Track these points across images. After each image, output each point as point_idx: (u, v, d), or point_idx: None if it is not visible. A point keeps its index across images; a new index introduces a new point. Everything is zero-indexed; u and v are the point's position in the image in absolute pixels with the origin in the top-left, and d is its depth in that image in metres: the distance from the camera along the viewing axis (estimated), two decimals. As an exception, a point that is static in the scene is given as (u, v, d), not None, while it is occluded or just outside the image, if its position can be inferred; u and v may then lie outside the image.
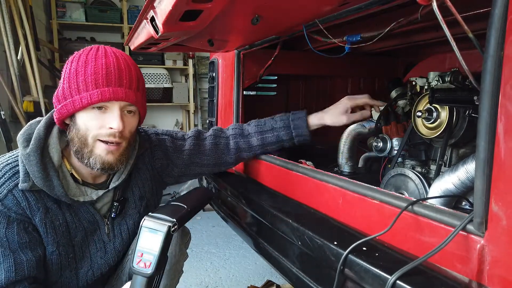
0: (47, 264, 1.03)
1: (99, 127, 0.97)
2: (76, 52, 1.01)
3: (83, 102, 0.94)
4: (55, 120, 1.01)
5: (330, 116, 1.35)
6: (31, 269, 0.98)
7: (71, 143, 1.00)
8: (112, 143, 0.99)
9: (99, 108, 0.97)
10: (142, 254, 0.88)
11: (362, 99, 1.35)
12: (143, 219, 0.92)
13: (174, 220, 0.92)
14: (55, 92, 1.01)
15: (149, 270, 0.87)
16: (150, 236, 0.89)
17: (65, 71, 0.99)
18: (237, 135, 1.37)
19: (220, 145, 1.35)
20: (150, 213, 0.94)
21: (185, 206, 1.00)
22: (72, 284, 1.09)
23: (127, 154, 1.06)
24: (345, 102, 1.34)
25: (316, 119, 1.36)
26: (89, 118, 0.97)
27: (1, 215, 0.94)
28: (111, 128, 0.97)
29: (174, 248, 1.14)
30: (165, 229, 0.90)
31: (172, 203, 1.03)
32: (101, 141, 0.98)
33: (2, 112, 2.81)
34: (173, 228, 0.91)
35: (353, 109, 1.36)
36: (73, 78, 0.96)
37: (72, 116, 0.99)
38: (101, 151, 0.98)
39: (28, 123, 1.03)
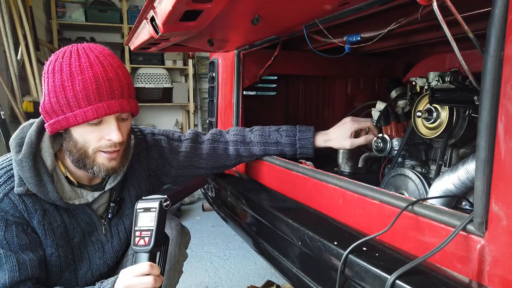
0: (47, 266, 1.03)
1: (98, 139, 0.97)
2: (54, 58, 0.95)
3: (78, 119, 0.92)
4: (49, 131, 0.99)
5: (337, 140, 1.34)
6: (34, 269, 0.98)
7: (69, 153, 0.99)
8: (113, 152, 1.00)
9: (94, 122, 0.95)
10: (140, 233, 0.92)
11: (366, 123, 1.34)
12: (136, 203, 0.96)
13: (165, 196, 0.96)
14: (42, 103, 0.96)
15: (149, 245, 0.90)
16: (145, 215, 0.94)
17: (49, 82, 0.93)
18: (238, 142, 1.36)
19: (219, 150, 1.34)
20: (142, 197, 0.98)
21: (177, 187, 1.05)
22: (72, 285, 1.09)
23: (126, 153, 1.08)
24: (350, 126, 1.32)
25: (322, 141, 1.36)
26: (85, 132, 0.95)
27: None
28: (110, 140, 0.97)
29: (174, 248, 1.15)
30: (157, 204, 0.94)
31: (166, 186, 1.07)
32: (102, 151, 0.98)
33: (2, 112, 2.81)
34: (165, 203, 0.95)
35: (357, 132, 1.37)
36: (60, 93, 0.91)
37: (66, 129, 0.97)
38: (103, 160, 0.99)
39: (21, 126, 1.02)
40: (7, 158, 1.00)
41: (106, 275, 1.17)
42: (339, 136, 1.34)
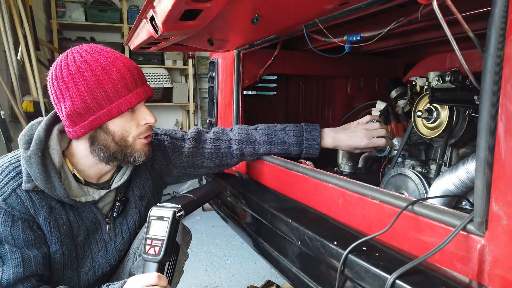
0: (50, 263, 1.03)
1: (136, 126, 1.02)
2: (71, 60, 0.94)
3: (122, 108, 0.96)
4: (78, 135, 0.98)
5: (346, 146, 1.35)
6: (38, 265, 0.98)
7: (102, 149, 1.00)
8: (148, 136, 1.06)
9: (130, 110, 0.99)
10: (151, 241, 0.91)
11: (380, 141, 1.32)
12: (150, 209, 0.95)
13: (179, 206, 0.95)
14: (68, 108, 0.94)
15: (159, 255, 0.90)
16: (158, 224, 0.93)
17: (78, 83, 0.92)
18: (243, 140, 1.34)
19: (221, 148, 1.33)
20: (157, 204, 0.98)
21: (192, 196, 1.04)
22: (74, 283, 1.09)
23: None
24: (365, 144, 1.31)
25: (330, 142, 1.34)
26: (125, 121, 1.00)
27: (6, 214, 0.94)
28: (147, 123, 1.04)
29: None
30: (170, 214, 0.93)
31: (180, 194, 1.06)
32: (140, 138, 1.04)
33: (2, 112, 2.81)
34: (179, 214, 0.94)
35: None
36: (97, 88, 0.93)
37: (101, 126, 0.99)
38: (141, 146, 1.05)
39: (30, 124, 1.03)
40: (15, 155, 1.00)
41: (108, 274, 1.18)
42: (351, 145, 1.34)
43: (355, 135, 1.32)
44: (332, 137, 1.34)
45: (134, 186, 1.18)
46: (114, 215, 1.12)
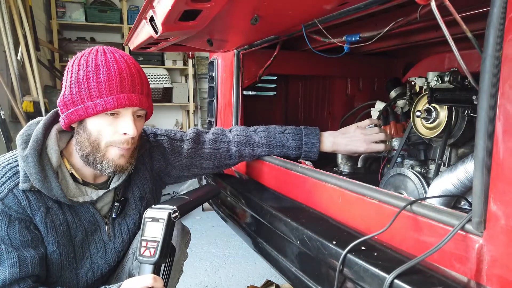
0: (47, 264, 1.03)
1: (113, 133, 0.98)
2: (80, 55, 0.99)
3: (97, 108, 0.94)
4: (63, 124, 1.00)
5: (345, 151, 1.36)
6: (34, 266, 0.98)
7: (80, 147, 1.00)
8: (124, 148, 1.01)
9: (112, 114, 0.97)
10: (147, 243, 0.91)
11: (379, 147, 1.32)
12: (145, 211, 0.95)
13: (174, 207, 0.94)
14: (61, 96, 0.99)
15: (154, 257, 0.89)
16: (153, 225, 0.92)
17: (73, 74, 0.96)
18: (242, 142, 1.34)
19: (221, 150, 1.34)
20: (152, 206, 0.97)
21: (188, 197, 1.03)
22: (72, 284, 1.09)
23: (135, 155, 1.08)
24: (363, 149, 1.32)
25: (329, 146, 1.35)
26: (101, 124, 0.97)
27: (2, 214, 0.94)
28: (125, 134, 0.99)
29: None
30: (165, 215, 0.92)
31: (176, 195, 1.05)
32: (113, 146, 0.99)
33: (2, 112, 2.81)
34: (174, 215, 0.93)
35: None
36: (83, 83, 0.94)
37: (81, 120, 0.98)
38: (113, 155, 1.00)
39: (28, 124, 1.03)
40: (13, 155, 1.00)
41: (107, 275, 1.17)
42: (350, 150, 1.35)
43: (354, 140, 1.33)
44: (331, 141, 1.35)
45: (134, 186, 1.18)
46: (113, 216, 1.12)
